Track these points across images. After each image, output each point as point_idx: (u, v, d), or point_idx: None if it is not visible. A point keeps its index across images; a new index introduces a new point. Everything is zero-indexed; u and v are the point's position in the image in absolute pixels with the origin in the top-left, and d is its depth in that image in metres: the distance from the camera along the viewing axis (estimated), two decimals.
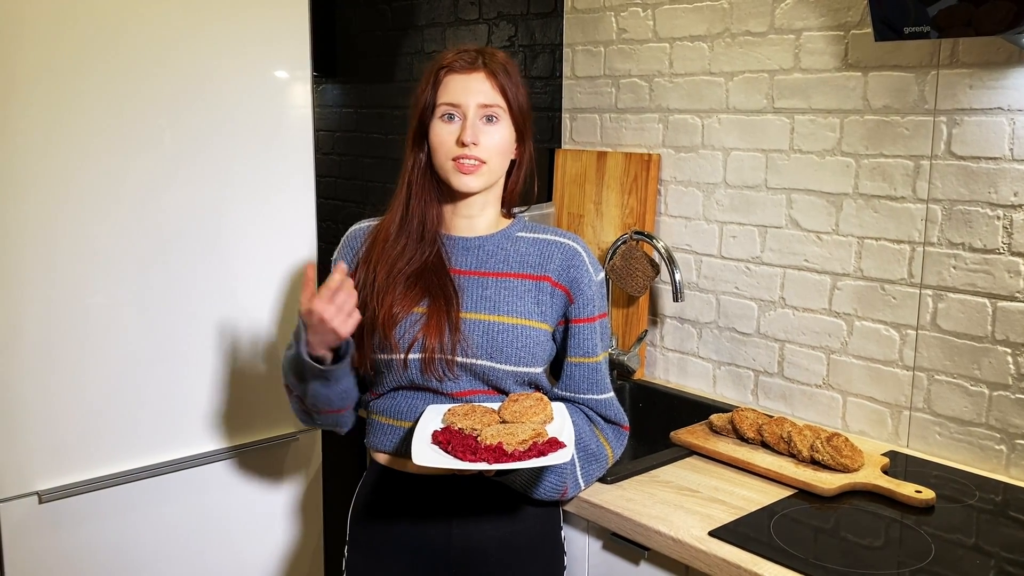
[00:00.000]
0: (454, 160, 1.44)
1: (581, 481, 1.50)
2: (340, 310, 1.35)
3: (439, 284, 1.45)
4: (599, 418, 1.53)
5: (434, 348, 1.42)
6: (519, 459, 1.28)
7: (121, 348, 1.77)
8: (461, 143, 1.43)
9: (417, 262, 1.46)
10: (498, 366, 1.44)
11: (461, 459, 1.28)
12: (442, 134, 1.45)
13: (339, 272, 1.36)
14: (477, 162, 1.44)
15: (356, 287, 1.49)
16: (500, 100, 1.45)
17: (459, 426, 1.34)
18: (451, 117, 1.45)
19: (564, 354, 1.52)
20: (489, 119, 1.45)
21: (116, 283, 1.75)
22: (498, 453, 1.28)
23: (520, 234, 1.53)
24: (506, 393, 1.47)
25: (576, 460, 1.49)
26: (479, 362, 1.43)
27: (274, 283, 1.97)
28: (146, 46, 1.72)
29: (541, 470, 1.44)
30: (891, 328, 1.79)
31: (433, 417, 1.40)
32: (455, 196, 1.49)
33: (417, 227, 1.48)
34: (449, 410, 1.40)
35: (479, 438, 1.31)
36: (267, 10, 1.87)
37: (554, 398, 1.51)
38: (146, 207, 1.76)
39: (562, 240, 1.52)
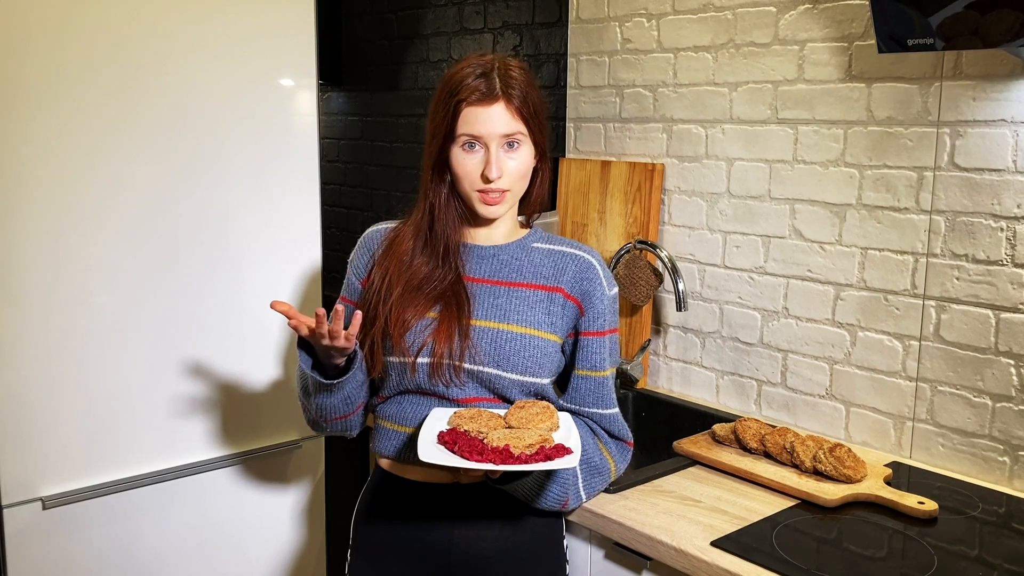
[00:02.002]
0: (479, 191, 1.44)
1: (583, 493, 1.50)
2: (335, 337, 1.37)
3: (452, 291, 1.46)
4: (604, 432, 1.53)
5: (443, 353, 1.43)
6: (526, 462, 1.27)
7: (126, 354, 1.77)
8: (486, 178, 1.42)
9: (440, 286, 1.47)
10: (504, 374, 1.44)
11: (467, 459, 1.28)
12: (465, 164, 1.43)
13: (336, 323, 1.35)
14: (501, 192, 1.44)
15: (370, 289, 1.50)
16: (521, 127, 1.42)
17: (465, 428, 1.34)
18: (472, 145, 1.42)
19: (571, 366, 1.52)
20: (511, 144, 1.43)
21: (121, 289, 1.75)
22: (504, 455, 1.28)
23: (536, 245, 1.53)
24: (511, 402, 1.47)
25: (578, 472, 1.48)
26: (486, 369, 1.44)
27: (279, 289, 1.97)
28: (152, 54, 1.73)
29: (545, 480, 1.44)
30: (894, 339, 1.79)
31: (439, 418, 1.40)
32: (477, 216, 1.50)
33: (442, 251, 1.48)
34: (455, 413, 1.40)
35: (485, 440, 1.31)
36: (273, 18, 1.88)
37: (559, 410, 1.51)
38: (152, 213, 1.77)
39: (577, 252, 1.52)
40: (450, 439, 1.32)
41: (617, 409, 1.54)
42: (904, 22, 1.51)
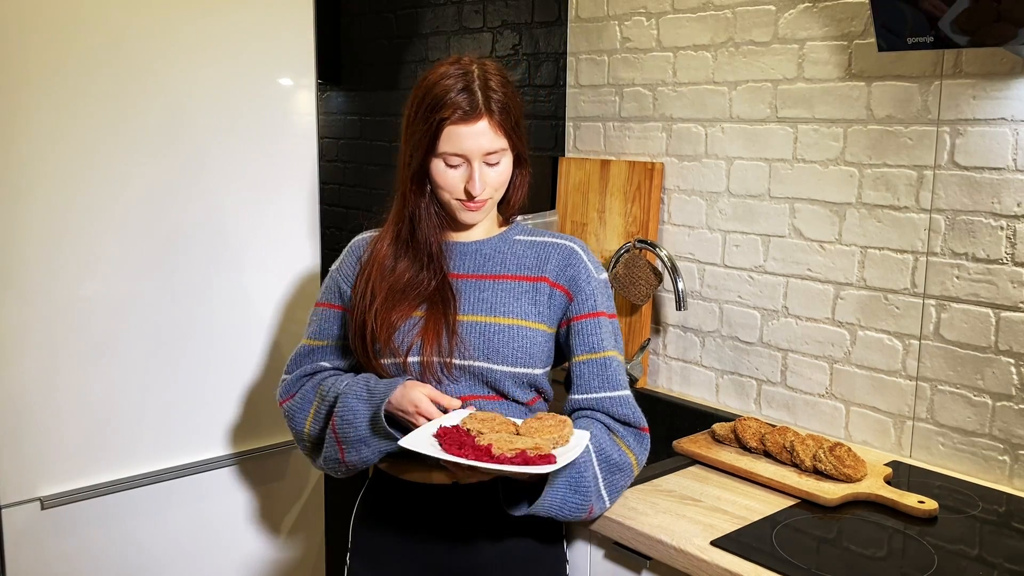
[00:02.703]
0: (460, 200, 1.44)
1: (605, 494, 1.44)
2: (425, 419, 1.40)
3: (437, 289, 1.46)
4: (618, 424, 1.47)
5: (432, 351, 1.43)
6: (501, 463, 1.25)
7: (124, 355, 1.77)
8: (468, 193, 1.42)
9: (426, 291, 1.46)
10: (495, 367, 1.44)
11: (445, 451, 1.27)
12: (447, 178, 1.43)
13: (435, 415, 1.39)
14: (483, 201, 1.45)
15: (356, 295, 1.50)
16: (504, 143, 1.42)
17: (467, 427, 1.33)
18: (454, 161, 1.42)
19: (573, 356, 1.50)
20: (493, 157, 1.43)
21: (120, 289, 1.75)
22: (481, 452, 1.26)
23: (518, 238, 1.54)
24: (506, 396, 1.46)
25: (598, 474, 1.43)
26: (476, 363, 1.44)
27: (278, 289, 1.97)
28: (151, 54, 1.73)
29: (563, 491, 1.39)
30: (894, 338, 1.78)
31: (453, 416, 1.39)
32: (457, 220, 1.50)
33: (427, 258, 1.48)
34: (470, 414, 1.38)
35: (477, 440, 1.30)
36: (272, 18, 1.88)
37: (568, 407, 1.50)
38: (151, 213, 1.77)
39: (559, 241, 1.52)
40: (442, 432, 1.32)
41: (628, 392, 1.49)
42: (903, 20, 1.50)
